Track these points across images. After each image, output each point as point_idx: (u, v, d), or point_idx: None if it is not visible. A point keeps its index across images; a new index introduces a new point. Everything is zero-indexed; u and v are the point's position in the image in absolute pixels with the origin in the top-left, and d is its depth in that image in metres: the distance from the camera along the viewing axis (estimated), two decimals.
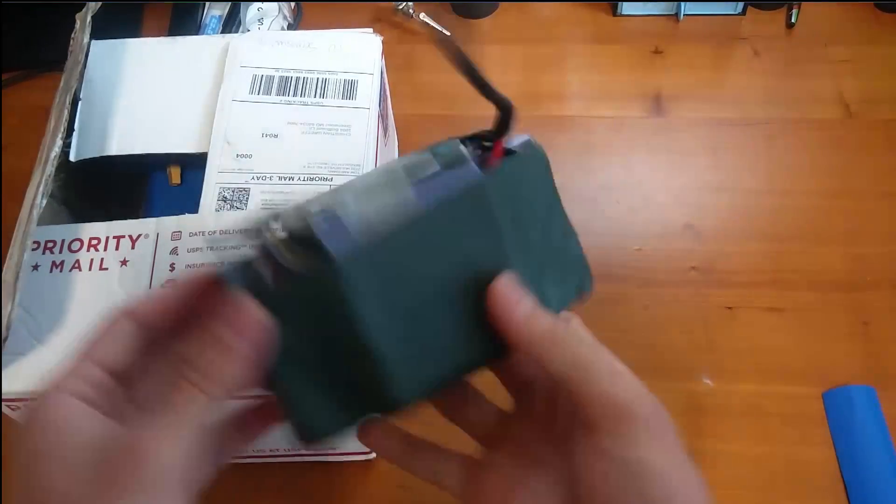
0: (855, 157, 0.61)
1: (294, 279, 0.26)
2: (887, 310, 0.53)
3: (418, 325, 0.27)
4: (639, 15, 0.70)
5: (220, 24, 0.67)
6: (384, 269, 0.26)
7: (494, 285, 0.27)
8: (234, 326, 0.25)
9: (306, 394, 0.27)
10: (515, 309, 0.27)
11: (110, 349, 0.27)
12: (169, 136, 0.46)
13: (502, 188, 0.28)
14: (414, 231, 0.26)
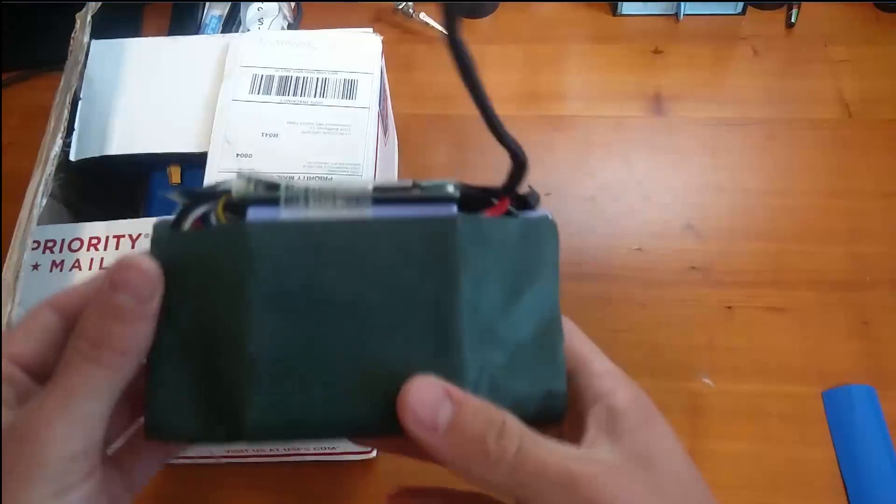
0: (855, 157, 0.61)
1: (202, 233, 0.24)
2: (887, 310, 0.53)
3: (312, 349, 0.22)
4: (639, 15, 0.70)
5: (220, 23, 0.67)
6: (294, 256, 0.22)
7: (402, 397, 0.22)
8: (119, 283, 0.23)
9: (168, 380, 0.24)
10: (432, 426, 0.22)
11: (24, 343, 0.25)
12: (169, 135, 0.46)
13: (479, 240, 0.23)
14: (347, 231, 0.23)
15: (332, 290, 0.22)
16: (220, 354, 0.23)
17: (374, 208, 0.23)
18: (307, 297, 0.22)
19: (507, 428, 0.22)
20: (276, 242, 0.22)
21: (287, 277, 0.22)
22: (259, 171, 0.25)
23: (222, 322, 0.23)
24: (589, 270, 0.56)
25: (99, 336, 0.23)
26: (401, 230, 0.23)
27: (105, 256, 0.40)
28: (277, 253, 0.22)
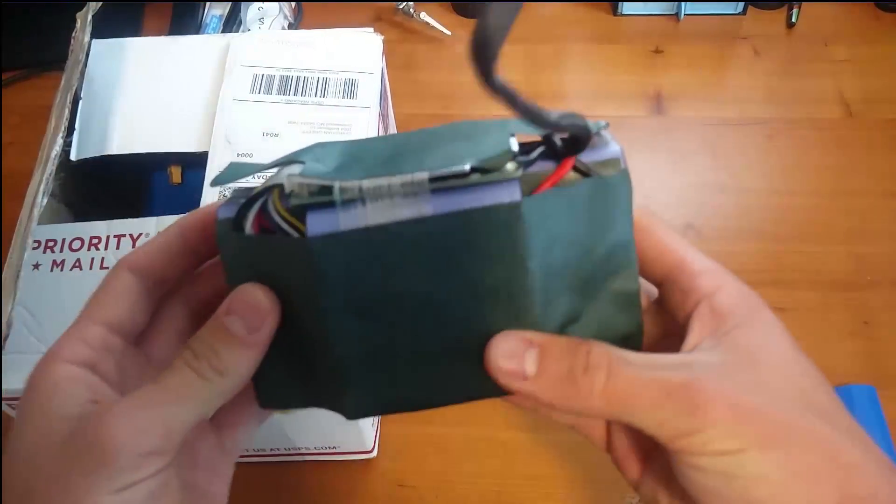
0: (855, 156, 0.61)
1: (269, 242, 0.23)
2: (887, 309, 0.53)
3: (395, 343, 0.23)
4: (639, 14, 0.70)
5: (221, 23, 0.67)
6: (362, 264, 0.22)
7: (488, 350, 0.22)
8: (232, 308, 0.23)
9: (273, 361, 0.25)
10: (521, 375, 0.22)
11: (113, 307, 0.25)
12: (170, 135, 0.46)
13: (547, 214, 0.22)
14: (412, 231, 0.22)
15: (403, 290, 0.23)
16: (310, 349, 0.24)
17: (433, 200, 0.22)
18: (381, 299, 0.23)
19: (592, 358, 0.22)
20: (342, 254, 0.22)
21: (358, 285, 0.23)
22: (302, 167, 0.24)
23: (305, 324, 0.24)
24: None
25: (203, 351, 0.23)
26: (464, 223, 0.22)
27: (106, 256, 0.40)
28: (345, 264, 0.22)
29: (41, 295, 0.39)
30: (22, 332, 0.38)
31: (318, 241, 0.22)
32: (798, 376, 0.23)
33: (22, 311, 0.39)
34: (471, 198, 0.22)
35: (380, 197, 0.22)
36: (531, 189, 0.23)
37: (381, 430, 0.49)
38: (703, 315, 0.24)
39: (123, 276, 0.25)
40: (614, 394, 0.21)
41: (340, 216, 0.22)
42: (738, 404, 0.21)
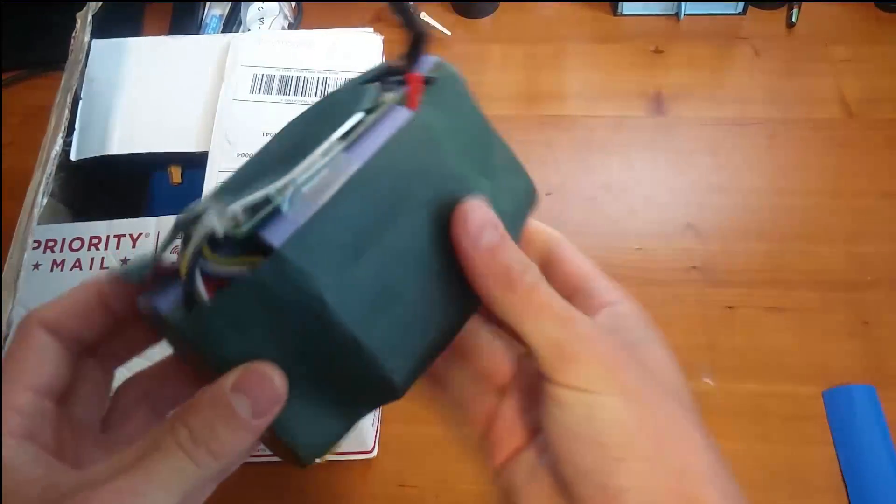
0: (855, 157, 0.61)
1: (236, 285, 0.21)
2: (887, 309, 0.53)
3: (392, 294, 0.23)
4: (639, 14, 0.70)
5: (221, 23, 0.67)
6: (334, 241, 0.22)
7: (458, 209, 0.24)
8: (243, 388, 0.21)
9: (294, 411, 0.23)
10: (476, 239, 0.23)
11: (36, 369, 0.23)
12: (170, 135, 0.46)
13: (436, 118, 0.25)
14: (355, 190, 0.22)
15: (378, 241, 0.23)
16: (326, 361, 0.23)
17: (352, 156, 0.23)
18: (364, 262, 0.22)
19: (532, 269, 0.24)
20: (316, 246, 0.21)
21: (337, 262, 0.22)
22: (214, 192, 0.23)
23: (312, 337, 0.22)
24: None
25: (202, 433, 0.21)
26: (388, 157, 0.23)
27: (106, 256, 0.40)
28: (322, 254, 0.22)
29: (41, 295, 0.39)
30: None
31: (288, 248, 0.21)
32: (675, 379, 0.25)
33: (22, 311, 0.39)
34: (377, 136, 0.23)
35: (311, 179, 0.22)
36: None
37: (381, 430, 0.49)
38: (603, 318, 0.26)
39: (39, 335, 0.23)
40: (531, 297, 0.24)
41: (290, 215, 0.21)
42: (618, 356, 0.23)
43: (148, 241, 0.41)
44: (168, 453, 0.21)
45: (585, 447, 0.23)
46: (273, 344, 0.22)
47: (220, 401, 0.21)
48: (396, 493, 0.48)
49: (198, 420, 0.21)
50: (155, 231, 0.41)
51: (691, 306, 0.54)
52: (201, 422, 0.21)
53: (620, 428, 0.23)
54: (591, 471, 0.23)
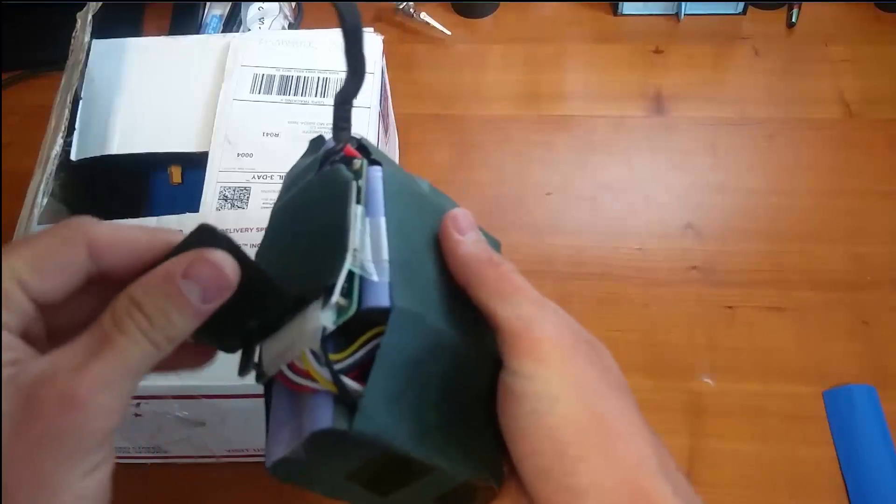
0: (855, 156, 0.61)
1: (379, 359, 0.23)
2: (887, 309, 0.53)
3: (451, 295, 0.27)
4: (639, 14, 0.70)
5: (221, 23, 0.67)
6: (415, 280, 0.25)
7: (449, 213, 0.27)
8: (192, 275, 0.22)
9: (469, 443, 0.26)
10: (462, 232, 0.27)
11: (49, 274, 0.22)
12: (170, 135, 0.46)
13: (390, 166, 0.28)
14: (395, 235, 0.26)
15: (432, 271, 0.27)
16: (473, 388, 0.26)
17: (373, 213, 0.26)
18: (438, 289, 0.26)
19: (509, 263, 0.27)
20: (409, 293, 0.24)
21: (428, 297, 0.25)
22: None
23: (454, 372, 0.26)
24: (589, 270, 0.56)
25: (158, 319, 0.21)
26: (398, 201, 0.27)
27: None
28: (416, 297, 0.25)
29: None
30: None
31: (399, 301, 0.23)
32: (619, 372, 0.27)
33: None
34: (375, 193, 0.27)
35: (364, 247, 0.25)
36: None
37: None
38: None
39: (76, 247, 0.23)
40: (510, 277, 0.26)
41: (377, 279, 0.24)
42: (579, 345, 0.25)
43: None
44: (132, 338, 0.21)
45: (543, 445, 0.23)
46: (425, 390, 0.25)
47: (172, 288, 0.21)
48: None
49: (152, 306, 0.21)
50: None
51: (691, 306, 0.54)
52: (156, 308, 0.21)
53: (575, 425, 0.23)
54: (550, 469, 0.23)
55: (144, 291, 0.22)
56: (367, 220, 0.25)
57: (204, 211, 0.42)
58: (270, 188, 0.43)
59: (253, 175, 0.43)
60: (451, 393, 0.25)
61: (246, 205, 0.42)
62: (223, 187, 0.43)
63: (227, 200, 0.42)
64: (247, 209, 0.42)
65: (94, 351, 0.21)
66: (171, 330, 0.22)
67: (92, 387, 0.20)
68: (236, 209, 0.42)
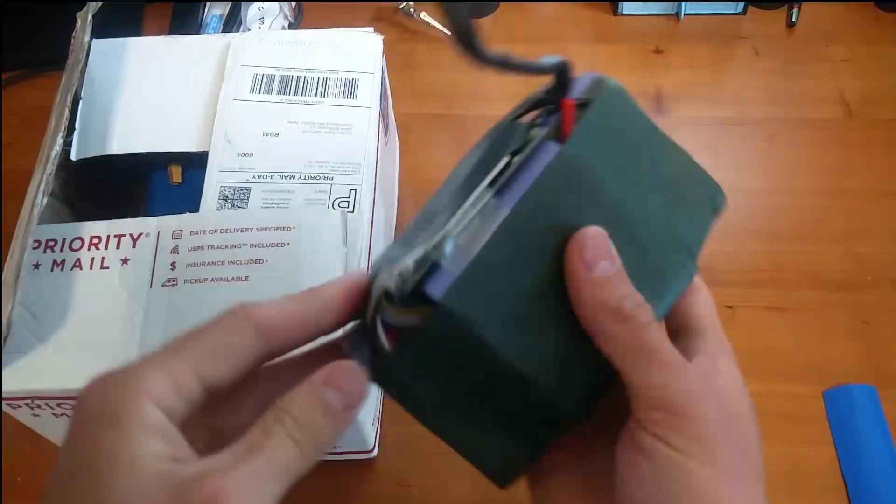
0: (855, 156, 0.61)
1: (409, 335, 0.23)
2: (887, 309, 0.53)
3: (553, 332, 0.24)
4: (639, 14, 0.70)
5: (221, 23, 0.67)
6: (492, 289, 0.23)
7: (575, 236, 0.23)
8: (331, 381, 0.23)
9: (479, 441, 0.25)
10: (589, 268, 0.23)
11: (219, 361, 0.23)
12: (170, 134, 0.46)
13: (591, 146, 0.25)
14: (507, 235, 0.23)
15: (535, 284, 0.23)
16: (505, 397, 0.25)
17: (504, 200, 0.24)
18: (523, 306, 0.23)
19: (645, 306, 0.24)
20: (474, 295, 0.23)
21: (497, 308, 0.23)
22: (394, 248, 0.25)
23: (488, 379, 0.24)
24: None
25: (306, 422, 0.22)
26: (537, 197, 0.23)
27: (106, 255, 0.40)
28: (482, 301, 0.23)
29: (41, 295, 0.39)
30: (22, 332, 0.38)
31: (448, 298, 0.22)
32: (759, 461, 0.25)
33: (22, 311, 0.39)
34: (526, 177, 0.24)
35: (465, 230, 0.23)
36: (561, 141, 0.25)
37: (382, 429, 0.49)
38: (706, 363, 0.26)
39: (246, 333, 0.23)
40: (641, 335, 0.23)
41: (448, 267, 0.23)
42: (719, 424, 0.23)
43: (148, 240, 0.41)
44: (280, 441, 0.22)
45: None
46: (452, 383, 0.24)
47: (314, 397, 0.22)
48: (396, 493, 0.48)
49: (299, 411, 0.22)
50: (155, 231, 0.41)
51: None
52: (302, 413, 0.22)
53: (700, 499, 0.22)
54: None
55: (291, 400, 0.22)
56: (489, 204, 0.24)
57: (204, 211, 0.42)
58: (270, 188, 0.43)
59: (253, 175, 0.43)
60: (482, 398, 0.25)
61: (246, 205, 0.42)
62: (223, 187, 0.43)
63: (227, 200, 0.42)
64: (247, 209, 0.42)
65: (244, 456, 0.21)
66: (318, 434, 0.22)
67: (239, 485, 0.20)
68: (236, 209, 0.42)
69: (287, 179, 0.43)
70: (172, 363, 0.22)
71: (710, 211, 0.29)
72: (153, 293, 0.39)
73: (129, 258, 0.40)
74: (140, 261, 0.40)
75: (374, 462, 0.49)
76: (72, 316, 0.39)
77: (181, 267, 0.40)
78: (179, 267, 0.40)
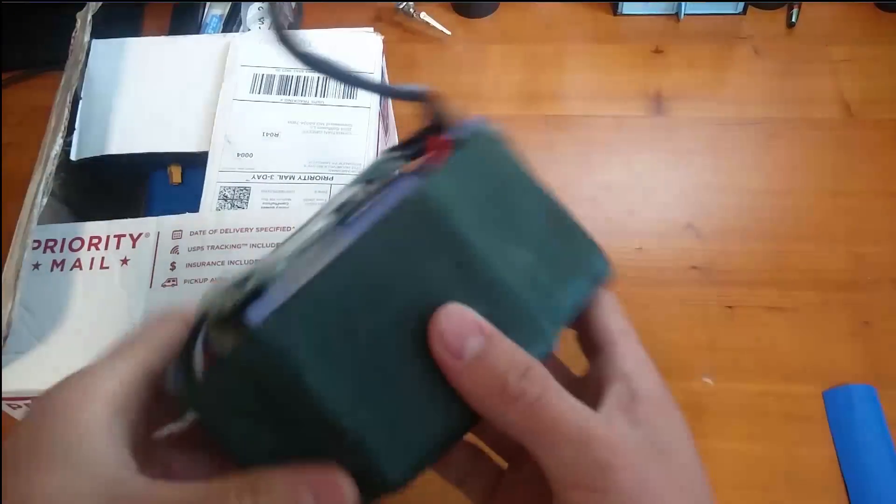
0: (855, 156, 0.61)
1: (220, 361, 0.21)
2: (887, 309, 0.53)
3: (385, 382, 0.21)
4: (639, 14, 0.70)
5: (221, 23, 0.67)
6: (319, 323, 0.20)
7: (433, 319, 0.21)
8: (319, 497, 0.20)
9: None
10: (457, 354, 0.21)
11: (156, 352, 0.23)
12: (170, 134, 0.46)
13: (453, 188, 0.22)
14: (344, 267, 0.21)
15: (370, 325, 0.21)
16: (321, 446, 0.21)
17: (348, 230, 0.22)
18: (353, 346, 0.21)
19: (532, 372, 0.21)
20: (291, 329, 0.20)
21: (322, 343, 0.20)
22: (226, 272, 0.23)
23: (300, 422, 0.21)
24: None
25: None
26: (387, 231, 0.21)
27: (106, 255, 0.40)
28: (296, 333, 0.20)
29: (41, 295, 0.39)
30: (22, 332, 0.38)
31: (265, 326, 0.20)
32: (697, 480, 0.23)
33: (22, 311, 0.39)
34: (378, 209, 0.21)
35: (301, 256, 0.21)
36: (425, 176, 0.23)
37: None
38: (621, 392, 0.23)
39: (180, 323, 0.23)
40: (539, 413, 0.21)
41: (273, 293, 0.21)
42: (646, 476, 0.21)
43: (148, 240, 0.41)
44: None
45: None
46: (265, 417, 0.21)
47: (295, 491, 0.20)
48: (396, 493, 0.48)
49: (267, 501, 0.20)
50: (155, 231, 0.41)
51: (691, 306, 0.54)
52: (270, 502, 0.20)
53: None
54: None
55: (267, 484, 0.21)
56: (333, 232, 0.22)
57: (204, 211, 0.42)
58: (270, 188, 0.43)
59: (253, 175, 0.43)
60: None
61: (246, 205, 0.42)
62: (223, 187, 0.43)
63: (227, 200, 0.42)
64: (247, 209, 0.42)
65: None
66: None
67: None
68: (236, 209, 0.42)
69: (287, 179, 0.43)
70: (116, 360, 0.22)
71: (588, 279, 0.26)
72: (153, 293, 0.39)
73: (128, 258, 0.40)
74: (140, 261, 0.40)
75: None
76: (72, 316, 0.39)
77: (181, 267, 0.40)
78: (179, 267, 0.40)
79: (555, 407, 0.21)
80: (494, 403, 0.21)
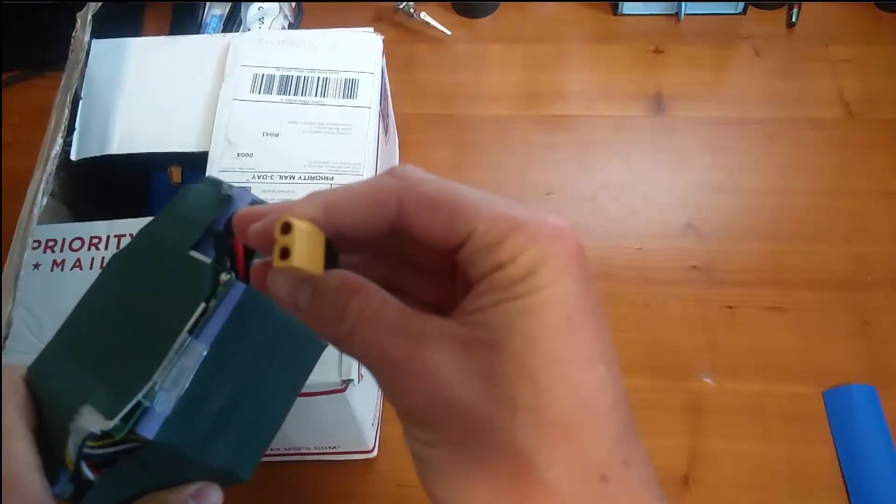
0: (855, 156, 0.61)
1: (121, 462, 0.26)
2: (887, 309, 0.53)
3: (238, 428, 0.28)
4: (639, 14, 0.70)
5: (221, 23, 0.67)
6: (193, 416, 0.27)
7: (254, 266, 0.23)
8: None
9: None
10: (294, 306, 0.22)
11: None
12: (170, 134, 0.46)
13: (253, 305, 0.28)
14: (207, 368, 0.27)
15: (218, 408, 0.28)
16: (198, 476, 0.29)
17: (200, 339, 0.27)
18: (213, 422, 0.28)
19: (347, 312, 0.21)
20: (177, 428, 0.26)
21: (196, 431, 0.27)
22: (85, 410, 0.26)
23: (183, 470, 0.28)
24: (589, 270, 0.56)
25: None
26: (235, 332, 0.27)
27: (106, 255, 0.40)
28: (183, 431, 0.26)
29: (41, 295, 0.39)
30: (22, 332, 0.38)
31: (160, 437, 0.25)
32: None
33: (22, 311, 0.39)
34: (219, 315, 0.27)
35: (168, 372, 0.26)
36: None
37: (382, 430, 0.49)
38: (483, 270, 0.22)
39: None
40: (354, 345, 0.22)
41: (157, 409, 0.26)
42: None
43: None
44: None
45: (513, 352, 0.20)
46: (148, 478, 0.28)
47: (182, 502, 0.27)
48: (396, 493, 0.48)
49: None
50: None
51: (691, 306, 0.54)
52: None
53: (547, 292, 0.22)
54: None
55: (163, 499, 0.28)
56: (189, 345, 0.26)
57: None
58: (270, 188, 0.43)
59: (253, 175, 0.43)
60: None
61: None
62: None
63: None
64: None
65: None
66: None
67: None
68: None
69: (287, 180, 0.43)
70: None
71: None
72: None
73: None
74: None
75: (374, 462, 0.49)
76: None
77: None
78: None
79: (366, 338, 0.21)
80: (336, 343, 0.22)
